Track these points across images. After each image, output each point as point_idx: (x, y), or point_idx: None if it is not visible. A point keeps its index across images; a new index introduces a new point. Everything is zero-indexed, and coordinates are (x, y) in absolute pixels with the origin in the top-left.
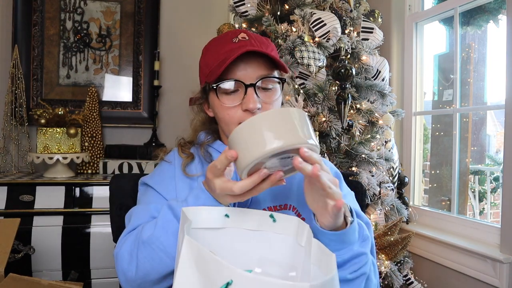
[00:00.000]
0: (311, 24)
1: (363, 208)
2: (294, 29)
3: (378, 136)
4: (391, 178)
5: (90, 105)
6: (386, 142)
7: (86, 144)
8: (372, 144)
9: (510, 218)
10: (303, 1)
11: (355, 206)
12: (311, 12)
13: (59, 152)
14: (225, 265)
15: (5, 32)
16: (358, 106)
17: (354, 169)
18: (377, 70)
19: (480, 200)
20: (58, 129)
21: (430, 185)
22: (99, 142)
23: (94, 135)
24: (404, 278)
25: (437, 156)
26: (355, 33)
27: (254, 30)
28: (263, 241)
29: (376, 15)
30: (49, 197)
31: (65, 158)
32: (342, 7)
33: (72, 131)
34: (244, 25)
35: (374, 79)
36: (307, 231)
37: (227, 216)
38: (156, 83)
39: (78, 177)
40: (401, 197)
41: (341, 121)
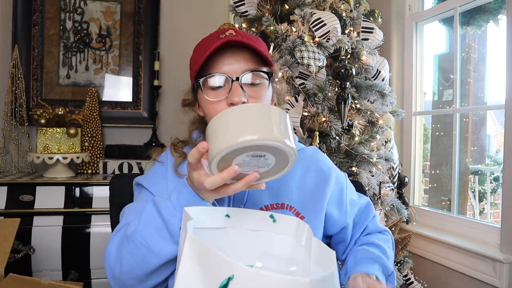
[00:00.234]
0: (311, 24)
1: None
2: (294, 29)
3: (378, 136)
4: (391, 178)
5: (90, 105)
6: (386, 142)
7: (86, 144)
8: (372, 144)
9: (510, 218)
10: (303, 1)
11: (353, 196)
12: (311, 12)
13: (59, 152)
14: (227, 260)
15: (5, 32)
16: (358, 106)
17: (354, 169)
18: (377, 70)
19: (480, 200)
20: (58, 129)
21: (430, 185)
22: (99, 142)
23: (94, 135)
24: (404, 278)
25: (437, 156)
26: (355, 33)
27: (254, 30)
28: (263, 241)
29: (376, 15)
30: (49, 197)
31: (65, 158)
32: (342, 7)
33: (72, 131)
34: (244, 25)
35: (374, 79)
36: (307, 231)
37: (227, 216)
38: (156, 83)
39: (78, 177)
40: (401, 197)
41: (341, 121)
